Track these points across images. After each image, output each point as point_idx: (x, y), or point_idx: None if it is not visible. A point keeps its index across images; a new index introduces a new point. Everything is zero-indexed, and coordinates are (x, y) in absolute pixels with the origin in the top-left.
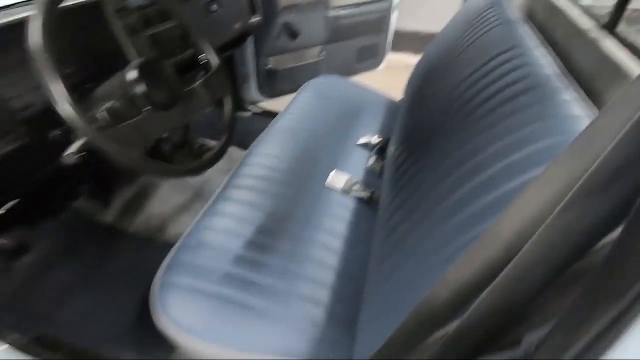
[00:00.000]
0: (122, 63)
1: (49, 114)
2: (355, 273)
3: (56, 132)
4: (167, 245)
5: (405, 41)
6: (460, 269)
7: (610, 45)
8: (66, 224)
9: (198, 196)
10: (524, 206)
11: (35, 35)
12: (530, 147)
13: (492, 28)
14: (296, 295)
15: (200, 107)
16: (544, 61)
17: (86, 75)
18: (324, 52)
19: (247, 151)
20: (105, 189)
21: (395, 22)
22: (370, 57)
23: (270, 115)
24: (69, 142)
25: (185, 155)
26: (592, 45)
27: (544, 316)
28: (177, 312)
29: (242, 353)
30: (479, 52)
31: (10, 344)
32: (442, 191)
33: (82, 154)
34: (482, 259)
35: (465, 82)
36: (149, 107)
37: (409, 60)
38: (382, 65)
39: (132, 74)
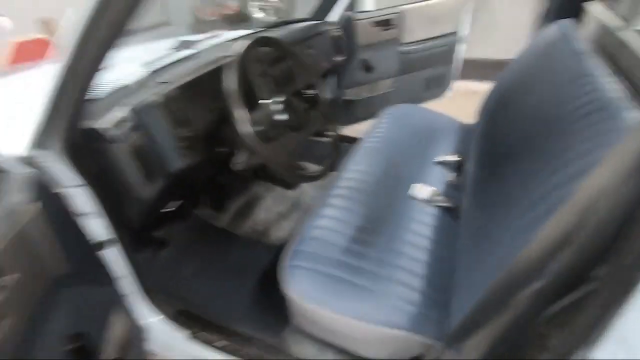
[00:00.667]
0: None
1: (216, 135)
2: (443, 267)
3: (222, 149)
4: (270, 246)
5: (470, 69)
6: (545, 234)
7: None
8: (190, 227)
9: (295, 206)
10: (594, 182)
11: (231, 81)
12: (599, 154)
13: (564, 58)
14: (394, 281)
15: (314, 131)
16: (612, 87)
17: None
18: (395, 84)
19: (338, 170)
20: (220, 200)
21: (462, 53)
22: (436, 87)
23: (348, 140)
24: (230, 156)
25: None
26: None
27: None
28: (302, 287)
29: (351, 320)
30: (551, 82)
31: (162, 316)
32: (520, 195)
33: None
34: (563, 224)
35: (540, 108)
36: (286, 130)
37: (474, 87)
38: (448, 94)
39: (278, 106)
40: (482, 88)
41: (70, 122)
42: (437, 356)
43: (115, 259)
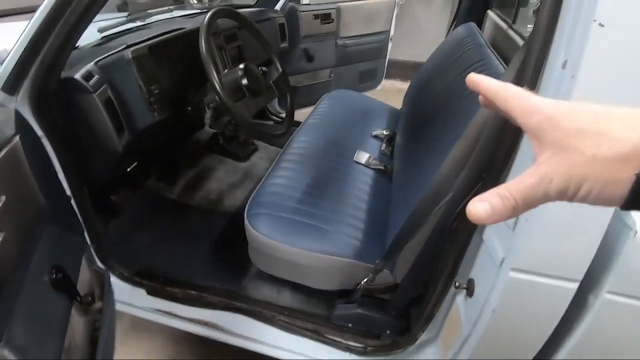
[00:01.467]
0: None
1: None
2: (380, 214)
3: (189, 108)
4: (224, 214)
5: (394, 70)
6: (450, 164)
7: None
8: (141, 199)
9: (246, 177)
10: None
11: (205, 46)
12: None
13: (467, 50)
14: (342, 222)
15: (273, 98)
16: (500, 68)
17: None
18: (332, 74)
19: (286, 143)
20: (171, 172)
21: (389, 51)
22: (369, 79)
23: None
24: (195, 117)
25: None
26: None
27: None
28: (265, 229)
29: (308, 252)
30: (458, 66)
31: (117, 276)
32: (433, 155)
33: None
34: (462, 152)
35: (447, 87)
36: (248, 94)
37: (399, 86)
38: (379, 87)
39: (240, 72)
40: (406, 87)
41: (49, 71)
42: (373, 274)
43: (78, 211)
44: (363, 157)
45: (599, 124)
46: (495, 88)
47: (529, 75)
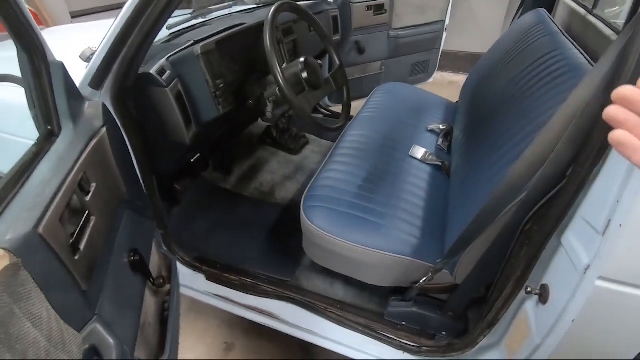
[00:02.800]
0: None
1: (246, 89)
2: (437, 212)
3: (251, 102)
4: (276, 205)
5: (447, 61)
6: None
7: None
8: (198, 188)
9: (299, 170)
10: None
11: (268, 40)
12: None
13: (539, 39)
14: (398, 218)
15: (331, 91)
16: (579, 57)
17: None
18: (383, 66)
19: (340, 136)
20: (227, 163)
21: (444, 42)
22: (421, 72)
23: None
24: (256, 110)
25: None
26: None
27: None
28: (320, 222)
29: (364, 248)
30: (528, 56)
31: (179, 261)
32: (499, 153)
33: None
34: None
35: (516, 77)
36: (308, 87)
37: (450, 78)
38: (430, 80)
39: (301, 65)
40: (458, 79)
41: (129, 66)
42: (433, 273)
43: (148, 198)
44: (419, 152)
45: None
46: None
47: (633, 60)
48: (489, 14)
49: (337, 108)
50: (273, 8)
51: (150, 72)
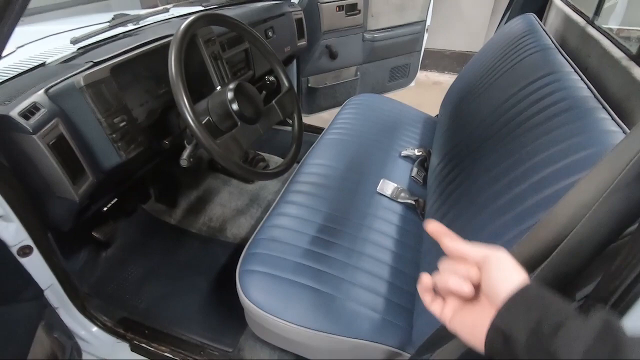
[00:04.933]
0: (206, 84)
1: (160, 126)
2: (407, 270)
3: (166, 141)
4: (226, 245)
5: (430, 60)
6: (520, 250)
7: (638, 73)
8: (137, 223)
9: (254, 201)
10: (575, 197)
11: (173, 63)
12: (574, 156)
13: (530, 54)
14: (357, 285)
15: (275, 122)
16: (580, 85)
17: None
18: (358, 72)
19: (300, 162)
20: (171, 193)
21: (425, 43)
22: (402, 76)
23: (311, 129)
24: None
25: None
26: (624, 73)
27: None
28: (257, 294)
29: (310, 331)
30: (518, 76)
31: (99, 326)
32: (490, 195)
33: (191, 158)
34: (541, 240)
35: (506, 103)
36: (240, 122)
37: (435, 78)
38: (412, 84)
39: (230, 94)
40: (444, 79)
41: None
42: None
43: (36, 267)
44: (389, 187)
45: None
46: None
47: None
48: (475, 11)
49: (312, 120)
50: (185, 22)
51: (9, 114)
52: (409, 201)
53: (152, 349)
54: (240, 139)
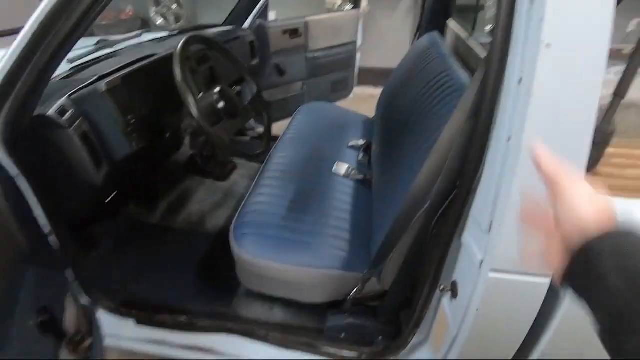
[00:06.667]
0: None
1: (161, 122)
2: (363, 224)
3: (166, 136)
4: (207, 235)
5: (366, 76)
6: (425, 176)
7: None
8: (120, 226)
9: (228, 196)
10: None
11: (178, 72)
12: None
13: (432, 61)
14: (327, 235)
15: (251, 118)
16: (465, 78)
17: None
18: (305, 86)
19: (266, 159)
20: (151, 197)
21: (359, 60)
22: (341, 89)
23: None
24: (173, 143)
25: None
26: None
27: None
28: (251, 248)
29: (296, 267)
30: (424, 77)
31: (105, 308)
32: (412, 158)
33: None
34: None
35: (418, 97)
36: (225, 117)
37: (370, 92)
38: (351, 95)
39: (216, 96)
40: (377, 92)
41: (22, 108)
42: (362, 284)
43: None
44: (342, 168)
45: None
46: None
47: (490, 90)
48: (398, 35)
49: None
50: (182, 42)
51: (48, 114)
52: (359, 177)
53: (157, 319)
54: (227, 129)
